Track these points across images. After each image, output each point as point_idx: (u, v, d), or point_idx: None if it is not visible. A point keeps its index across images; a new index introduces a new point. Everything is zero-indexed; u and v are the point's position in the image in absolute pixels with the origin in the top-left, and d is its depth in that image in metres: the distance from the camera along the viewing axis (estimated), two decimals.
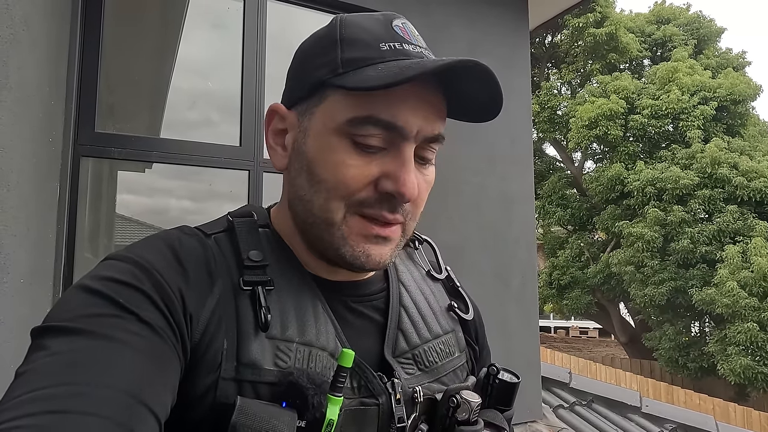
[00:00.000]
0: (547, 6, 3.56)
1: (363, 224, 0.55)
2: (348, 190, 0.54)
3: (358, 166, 0.54)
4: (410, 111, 0.54)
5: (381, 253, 0.56)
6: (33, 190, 1.49)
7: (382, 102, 0.53)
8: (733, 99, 11.87)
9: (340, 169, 0.54)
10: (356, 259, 0.56)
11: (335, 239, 0.56)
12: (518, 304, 2.96)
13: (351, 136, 0.54)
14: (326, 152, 0.56)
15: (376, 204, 0.55)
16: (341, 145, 0.55)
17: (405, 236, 0.60)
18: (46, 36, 1.56)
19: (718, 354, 9.89)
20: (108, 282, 0.48)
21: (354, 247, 0.56)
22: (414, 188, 0.54)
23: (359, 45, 0.55)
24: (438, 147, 0.58)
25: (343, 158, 0.54)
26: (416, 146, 0.56)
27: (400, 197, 0.54)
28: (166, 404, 0.44)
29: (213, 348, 0.50)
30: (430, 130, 0.55)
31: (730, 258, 9.89)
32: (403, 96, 0.53)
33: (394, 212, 0.56)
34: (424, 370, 0.61)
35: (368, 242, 0.56)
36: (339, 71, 0.55)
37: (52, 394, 0.38)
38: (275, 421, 0.46)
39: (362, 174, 0.54)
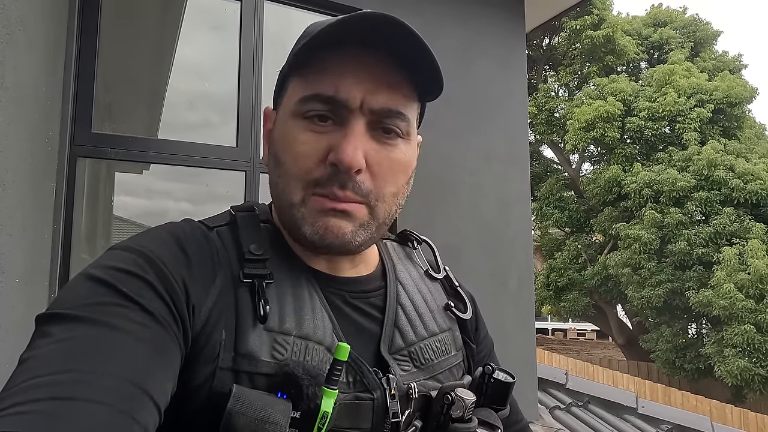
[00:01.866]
0: (543, 8, 3.58)
1: (321, 201, 0.57)
2: (302, 169, 0.56)
3: (309, 142, 0.56)
4: (353, 83, 0.56)
5: (339, 226, 0.56)
6: (29, 190, 1.49)
7: (326, 78, 0.56)
8: (729, 102, 11.91)
9: (294, 147, 0.57)
10: (315, 234, 0.57)
11: (297, 219, 0.57)
12: (515, 305, 2.96)
13: (302, 116, 0.57)
14: (285, 135, 0.59)
15: (327, 182, 0.56)
16: (296, 126, 0.57)
17: (376, 220, 0.59)
18: (42, 36, 1.56)
19: (715, 356, 9.91)
20: (112, 271, 0.48)
21: (313, 223, 0.57)
22: (354, 157, 0.54)
23: (308, 34, 0.58)
24: (402, 125, 0.58)
25: (296, 136, 0.57)
26: (372, 120, 0.57)
27: (340, 165, 0.54)
28: (166, 392, 0.45)
29: (213, 339, 0.51)
30: (375, 102, 0.56)
31: (727, 260, 9.92)
32: (345, 69, 0.56)
33: (344, 188, 0.56)
34: (419, 367, 0.62)
35: (326, 216, 0.57)
36: (289, 62, 0.59)
37: (55, 380, 0.39)
38: (270, 409, 0.47)
39: (313, 149, 0.56)
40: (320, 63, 0.57)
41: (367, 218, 0.58)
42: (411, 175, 0.63)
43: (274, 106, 0.65)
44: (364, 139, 0.56)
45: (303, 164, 0.56)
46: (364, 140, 0.56)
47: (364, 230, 0.58)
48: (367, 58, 0.56)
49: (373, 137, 0.57)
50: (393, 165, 0.59)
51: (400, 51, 0.56)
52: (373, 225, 0.59)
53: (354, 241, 0.58)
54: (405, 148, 0.60)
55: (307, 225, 0.57)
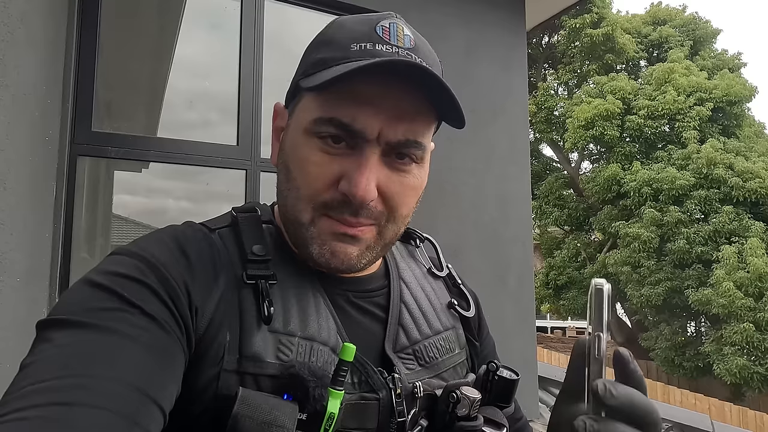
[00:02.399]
0: (544, 6, 3.57)
1: (331, 223, 0.56)
2: (312, 190, 0.55)
3: (321, 165, 0.55)
4: (371, 114, 0.53)
5: (346, 251, 0.57)
6: (29, 189, 1.48)
7: (346, 104, 0.54)
8: (728, 100, 11.91)
9: (306, 166, 0.56)
10: (321, 257, 0.56)
11: (305, 238, 0.57)
12: (515, 303, 2.96)
13: (317, 136, 0.55)
14: (296, 149, 0.57)
15: (338, 207, 0.55)
16: (309, 144, 0.56)
17: (382, 240, 0.59)
18: (43, 35, 1.56)
19: (714, 354, 9.93)
20: (113, 276, 0.48)
21: (321, 245, 0.56)
22: (366, 190, 0.53)
23: (332, 45, 0.56)
24: (417, 152, 0.57)
25: (309, 156, 0.56)
26: (386, 149, 0.55)
27: (352, 198, 0.54)
28: (170, 397, 0.45)
29: (217, 341, 0.51)
30: (393, 134, 0.54)
31: (726, 258, 9.93)
32: (367, 99, 0.53)
33: (357, 216, 0.55)
34: (424, 365, 0.62)
35: (335, 240, 0.56)
36: (308, 72, 0.57)
37: (57, 386, 0.39)
38: (277, 412, 0.47)
39: (324, 172, 0.55)
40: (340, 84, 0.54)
41: (375, 239, 0.58)
42: (421, 194, 0.62)
43: (286, 104, 0.64)
44: (377, 169, 0.55)
45: (314, 186, 0.55)
46: (377, 170, 0.55)
47: (370, 251, 0.58)
48: (391, 87, 0.54)
49: (386, 163, 0.56)
50: (405, 191, 0.58)
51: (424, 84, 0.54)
52: (380, 245, 0.59)
53: (359, 264, 0.58)
54: (418, 172, 0.59)
55: (315, 246, 0.57)
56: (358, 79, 0.52)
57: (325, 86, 0.52)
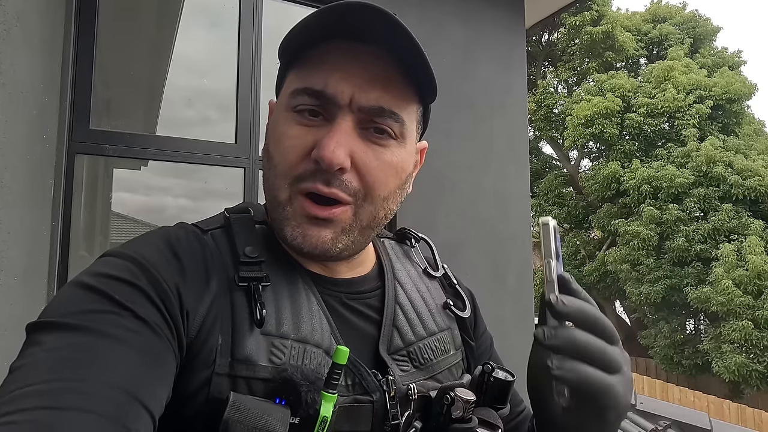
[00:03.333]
0: (543, 4, 3.56)
1: (305, 204, 0.55)
2: (288, 164, 0.55)
3: (296, 137, 0.55)
4: (342, 78, 0.54)
5: (319, 235, 0.55)
6: (27, 187, 1.48)
7: (318, 72, 0.55)
8: (728, 98, 11.91)
9: (282, 140, 0.56)
10: (294, 239, 0.56)
11: (281, 219, 0.57)
12: (514, 301, 2.96)
13: (294, 110, 0.56)
14: (276, 129, 0.58)
15: (311, 177, 0.54)
16: (287, 119, 0.57)
17: (359, 223, 0.57)
18: (39, 32, 1.55)
19: (713, 352, 9.95)
20: (104, 278, 0.48)
21: (294, 227, 0.56)
22: (334, 153, 0.52)
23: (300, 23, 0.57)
24: (395, 125, 0.56)
25: (286, 130, 0.56)
26: (361, 119, 0.55)
27: (321, 162, 0.53)
28: (160, 400, 0.44)
29: (208, 344, 0.50)
30: (365, 99, 0.54)
31: (725, 256, 9.94)
32: (337, 65, 0.55)
33: (329, 185, 0.54)
34: (418, 367, 0.61)
35: (307, 223, 0.55)
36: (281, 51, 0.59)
37: (47, 389, 0.38)
38: (268, 417, 0.46)
39: (299, 144, 0.55)
40: (313, 56, 0.56)
41: (350, 222, 0.57)
42: (406, 181, 0.61)
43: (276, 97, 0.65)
44: (350, 138, 0.54)
45: (289, 159, 0.55)
46: (350, 138, 0.54)
47: (345, 235, 0.57)
48: (361, 53, 0.54)
49: (363, 136, 0.55)
50: (383, 166, 0.57)
51: (395, 47, 0.54)
52: (356, 229, 0.57)
53: (334, 248, 0.56)
54: (398, 150, 0.58)
55: (288, 228, 0.56)
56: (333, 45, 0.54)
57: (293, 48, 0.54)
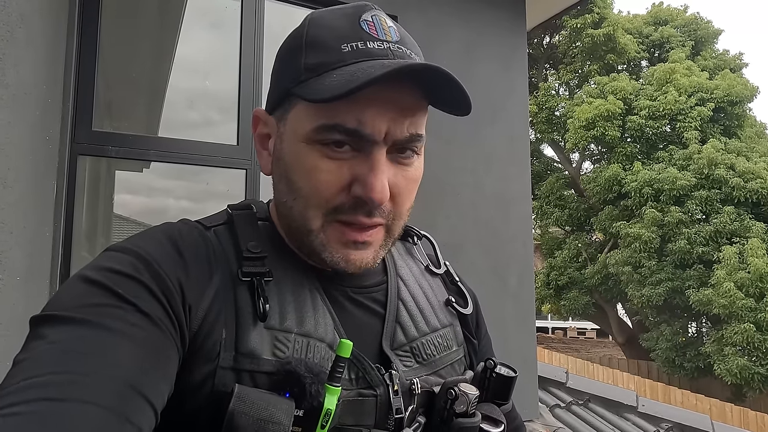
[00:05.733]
0: (544, 6, 3.57)
1: (341, 231, 0.56)
2: (323, 198, 0.55)
3: (330, 171, 0.54)
4: (376, 115, 0.53)
5: (361, 257, 0.57)
6: (30, 187, 1.49)
7: (347, 108, 0.52)
8: (730, 100, 11.90)
9: (313, 174, 0.55)
10: (336, 264, 0.57)
11: (315, 246, 0.57)
12: (515, 302, 2.96)
13: (320, 143, 0.54)
14: (299, 159, 0.56)
15: (351, 210, 0.55)
16: (312, 152, 0.55)
17: (391, 236, 0.59)
18: (42, 34, 1.56)
19: (715, 354, 9.92)
20: (107, 273, 0.48)
21: (333, 253, 0.56)
22: (383, 193, 0.53)
23: (321, 48, 0.54)
24: (418, 144, 0.57)
25: (316, 164, 0.54)
26: (391, 147, 0.55)
27: (370, 202, 0.54)
28: (162, 394, 0.45)
29: (212, 338, 0.51)
30: (399, 132, 0.54)
31: (727, 259, 9.92)
32: (368, 100, 0.52)
33: (371, 216, 0.55)
34: (421, 363, 0.62)
35: (347, 248, 0.56)
36: (301, 79, 0.55)
37: (50, 381, 0.39)
38: (273, 408, 0.47)
39: (335, 179, 0.54)
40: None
41: (384, 238, 0.59)
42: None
43: (270, 110, 0.61)
44: (387, 169, 0.55)
45: (324, 194, 0.54)
46: (387, 170, 0.55)
47: (382, 250, 0.59)
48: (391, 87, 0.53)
49: (392, 160, 0.56)
50: (409, 185, 0.58)
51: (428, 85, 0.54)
52: (390, 242, 0.60)
53: (374, 263, 0.59)
54: (417, 163, 0.59)
55: (327, 253, 0.56)
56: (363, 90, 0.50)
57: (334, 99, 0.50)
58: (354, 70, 0.51)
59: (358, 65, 0.52)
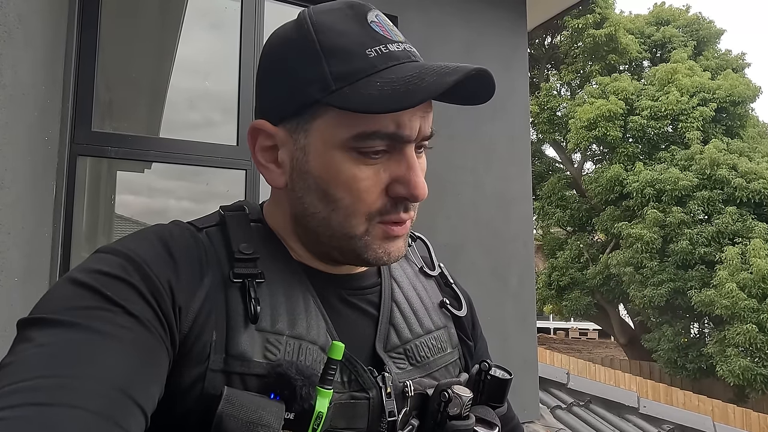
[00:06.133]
0: (545, 6, 3.56)
1: (384, 230, 0.57)
2: (366, 204, 0.56)
3: (369, 177, 0.55)
4: (412, 117, 0.55)
5: (398, 248, 0.59)
6: (28, 188, 1.49)
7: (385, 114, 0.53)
8: (732, 100, 11.88)
9: (353, 184, 0.55)
10: (379, 260, 0.58)
11: (357, 248, 0.57)
12: (515, 303, 2.96)
13: (356, 150, 0.54)
14: (334, 170, 0.55)
15: (393, 209, 0.57)
16: (347, 160, 0.54)
17: (412, 226, 0.63)
18: (41, 34, 1.56)
19: (717, 355, 9.89)
20: (96, 275, 0.48)
21: (376, 249, 0.58)
22: (424, 188, 0.56)
23: (344, 55, 0.53)
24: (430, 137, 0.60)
25: (354, 173, 0.54)
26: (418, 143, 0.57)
27: (414, 199, 0.56)
28: (153, 397, 0.44)
29: (202, 340, 0.50)
30: (426, 128, 0.57)
31: (730, 259, 9.89)
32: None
33: (408, 211, 0.58)
34: (415, 365, 0.61)
35: (388, 242, 0.58)
36: (332, 88, 0.52)
37: (38, 386, 0.38)
38: (262, 411, 0.46)
39: (374, 184, 0.55)
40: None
41: (408, 230, 0.61)
42: None
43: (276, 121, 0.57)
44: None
45: (367, 200, 0.55)
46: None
47: (407, 240, 0.62)
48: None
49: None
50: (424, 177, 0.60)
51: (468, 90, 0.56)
52: (409, 232, 0.64)
53: (405, 252, 0.62)
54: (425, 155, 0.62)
55: (370, 251, 0.57)
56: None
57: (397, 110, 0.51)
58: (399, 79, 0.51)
59: (392, 70, 0.52)
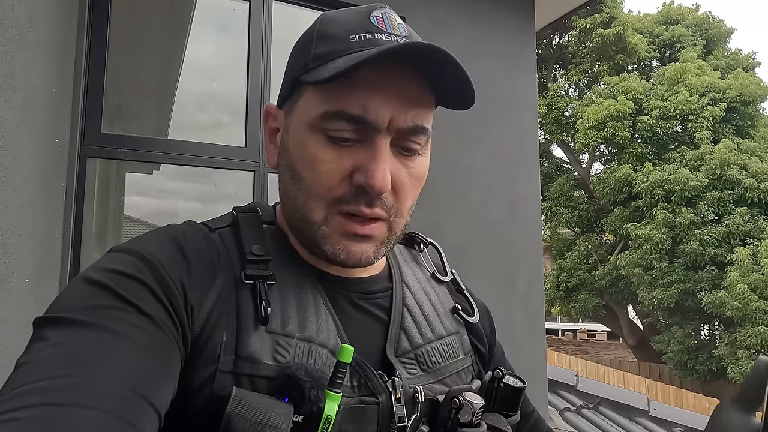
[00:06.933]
0: (553, 6, 3.55)
1: (343, 223, 0.55)
2: (324, 187, 0.55)
3: (332, 161, 0.54)
4: (381, 103, 0.53)
5: (362, 250, 0.56)
6: (39, 190, 1.50)
7: (352, 95, 0.53)
8: (743, 100, 11.75)
9: (315, 164, 0.55)
10: (336, 256, 0.56)
11: (317, 237, 0.56)
12: (524, 305, 2.94)
13: (324, 131, 0.54)
14: (303, 148, 0.56)
15: (353, 200, 0.55)
16: (316, 141, 0.55)
17: (393, 233, 0.59)
18: (52, 37, 1.57)
19: (728, 357, 9.79)
20: (110, 274, 0.48)
21: (334, 245, 0.56)
22: (384, 180, 0.53)
23: (330, 39, 0.55)
24: (423, 139, 0.57)
25: (317, 153, 0.55)
26: (395, 138, 0.55)
27: (371, 189, 0.53)
28: (166, 397, 0.44)
29: (213, 341, 0.50)
30: (403, 121, 0.54)
31: (741, 260, 9.79)
32: (373, 88, 0.53)
33: (372, 206, 0.55)
34: (426, 370, 0.61)
35: (348, 240, 0.56)
36: (309, 67, 0.55)
37: (52, 386, 0.38)
38: (271, 412, 0.46)
39: (336, 168, 0.54)
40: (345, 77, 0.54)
41: (386, 235, 0.58)
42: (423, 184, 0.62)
43: (280, 104, 0.62)
44: (389, 159, 0.55)
45: (326, 183, 0.55)
46: (389, 160, 0.55)
47: (383, 247, 0.59)
48: (395, 73, 0.53)
49: (395, 153, 0.56)
50: (413, 181, 0.58)
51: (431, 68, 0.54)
52: (392, 240, 0.59)
53: (375, 260, 0.58)
54: (422, 160, 0.59)
55: (329, 245, 0.56)
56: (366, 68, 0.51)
57: (338, 77, 0.51)
58: (358, 55, 0.51)
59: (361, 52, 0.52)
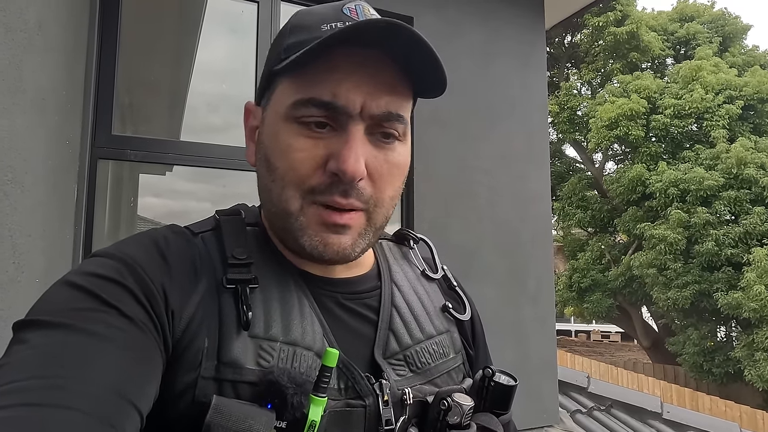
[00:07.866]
0: (564, 4, 3.51)
1: (320, 213, 0.55)
2: (298, 176, 0.54)
3: (305, 149, 0.54)
4: (352, 88, 0.53)
5: (339, 242, 0.55)
6: (50, 191, 1.52)
7: (323, 82, 0.53)
8: (760, 97, 11.55)
9: (289, 153, 0.54)
10: (314, 249, 0.55)
11: (294, 229, 0.56)
12: (534, 305, 2.91)
13: (297, 120, 0.54)
14: (277, 138, 0.56)
15: (327, 190, 0.54)
16: (289, 130, 0.55)
17: (372, 225, 0.58)
18: (62, 40, 1.59)
19: (745, 359, 9.62)
20: (91, 277, 0.48)
21: (312, 236, 0.55)
22: (356, 165, 0.52)
23: (302, 29, 0.56)
24: (400, 127, 0.56)
25: (291, 142, 0.54)
26: (370, 125, 0.55)
27: (343, 175, 0.52)
28: (148, 397, 0.44)
29: (194, 346, 0.50)
30: (376, 107, 0.54)
31: (758, 261, 9.60)
32: (344, 74, 0.53)
33: (347, 196, 0.54)
34: (416, 371, 0.60)
35: (326, 231, 0.55)
36: (282, 57, 0.55)
37: (31, 386, 0.38)
38: (251, 420, 0.45)
39: (309, 156, 0.54)
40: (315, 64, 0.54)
41: (365, 226, 0.57)
42: (406, 175, 0.61)
43: (257, 101, 0.62)
44: (363, 146, 0.54)
45: (299, 171, 0.54)
46: (364, 147, 0.54)
47: (362, 239, 0.57)
48: (366, 59, 0.53)
49: (371, 141, 0.55)
50: (392, 169, 0.57)
51: (401, 51, 0.53)
52: (371, 232, 0.58)
53: (354, 252, 0.57)
54: (401, 149, 0.58)
55: (306, 237, 0.55)
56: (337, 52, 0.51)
57: (301, 60, 0.51)
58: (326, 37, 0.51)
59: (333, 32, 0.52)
